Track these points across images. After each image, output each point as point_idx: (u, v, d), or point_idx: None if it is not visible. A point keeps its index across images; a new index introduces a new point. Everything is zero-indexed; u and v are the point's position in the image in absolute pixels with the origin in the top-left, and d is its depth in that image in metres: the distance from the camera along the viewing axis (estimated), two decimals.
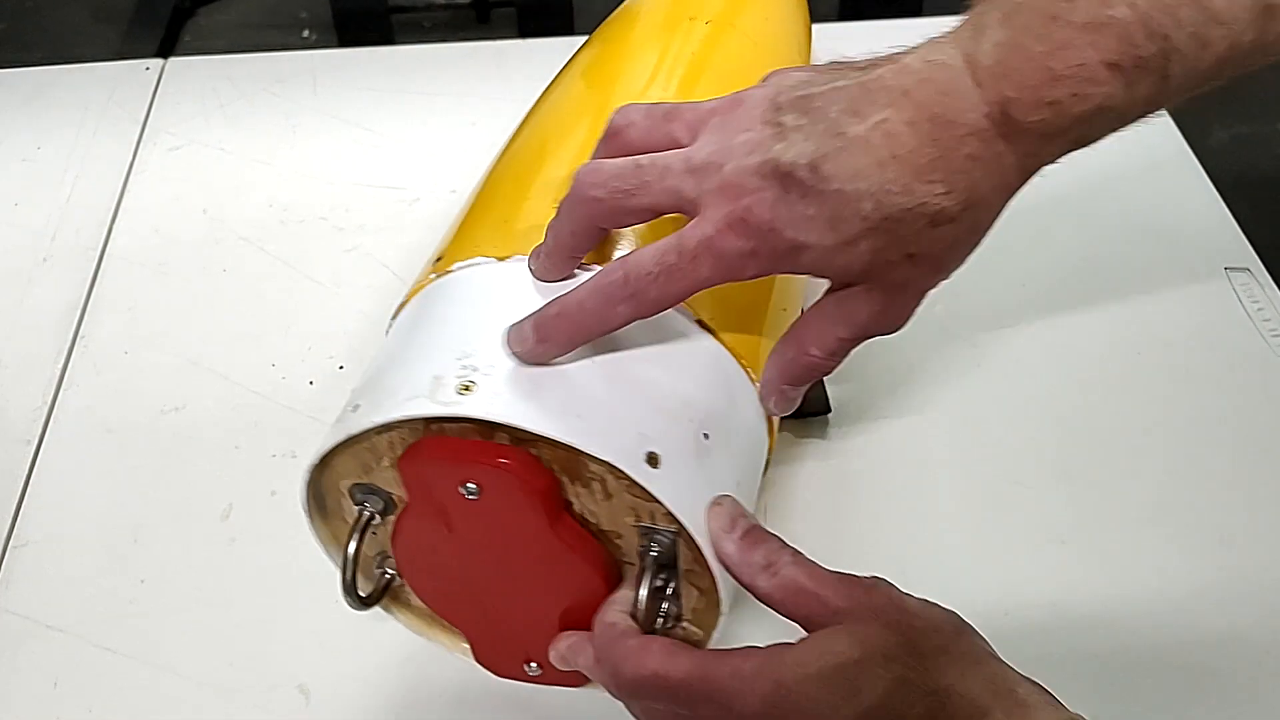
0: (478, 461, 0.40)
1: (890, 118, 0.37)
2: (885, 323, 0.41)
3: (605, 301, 0.40)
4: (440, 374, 0.40)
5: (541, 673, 0.47)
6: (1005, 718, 0.36)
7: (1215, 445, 0.59)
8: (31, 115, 0.80)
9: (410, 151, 0.76)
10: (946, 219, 0.37)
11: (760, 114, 0.39)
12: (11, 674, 0.50)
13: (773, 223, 0.38)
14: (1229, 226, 0.70)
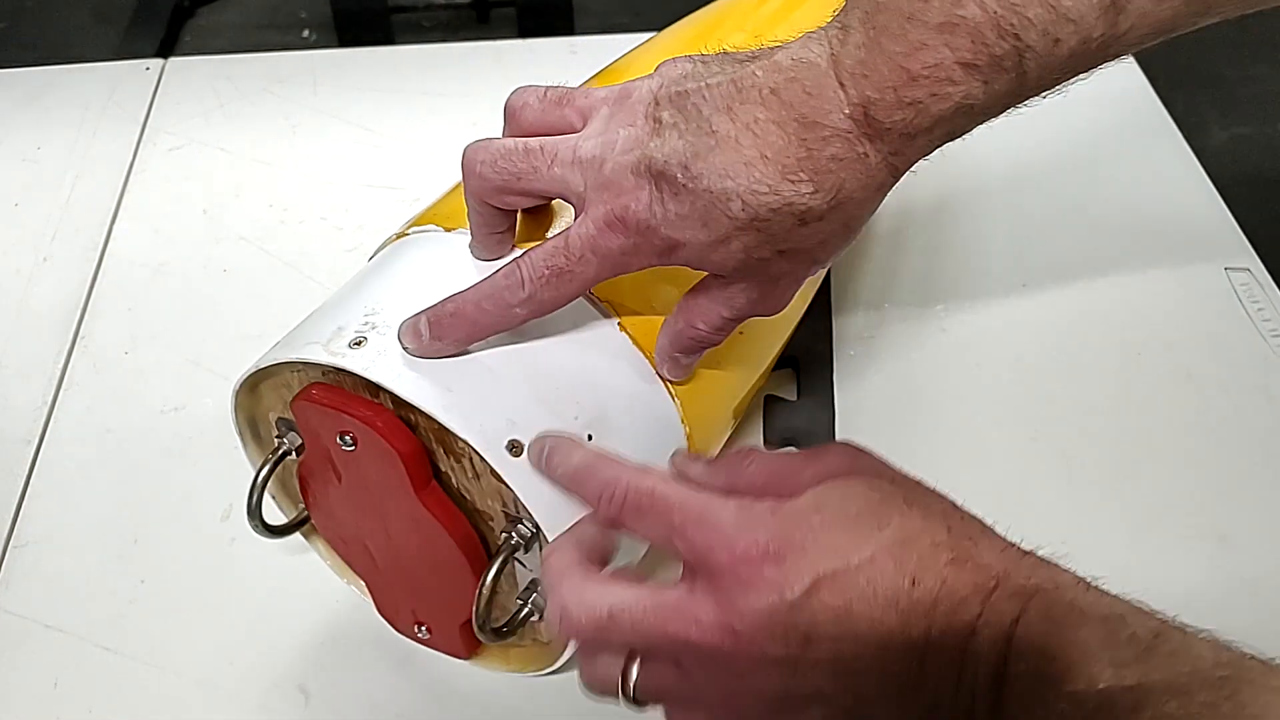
0: (348, 413, 0.42)
1: (760, 117, 0.38)
2: (763, 309, 0.43)
3: (501, 304, 0.42)
4: (343, 326, 0.42)
5: (430, 637, 0.48)
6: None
7: (1215, 445, 0.59)
8: (32, 115, 0.80)
9: (410, 151, 0.76)
10: (815, 217, 0.39)
11: (643, 109, 0.41)
12: (11, 674, 0.50)
13: (648, 221, 0.40)
14: (1229, 226, 0.70)
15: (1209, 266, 0.68)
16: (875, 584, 0.34)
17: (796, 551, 0.35)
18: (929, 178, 0.74)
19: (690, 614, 0.36)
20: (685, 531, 0.37)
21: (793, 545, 0.35)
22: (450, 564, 0.44)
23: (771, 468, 0.39)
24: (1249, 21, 0.43)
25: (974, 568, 0.34)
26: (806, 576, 0.34)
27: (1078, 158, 0.75)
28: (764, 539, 0.35)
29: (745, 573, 0.35)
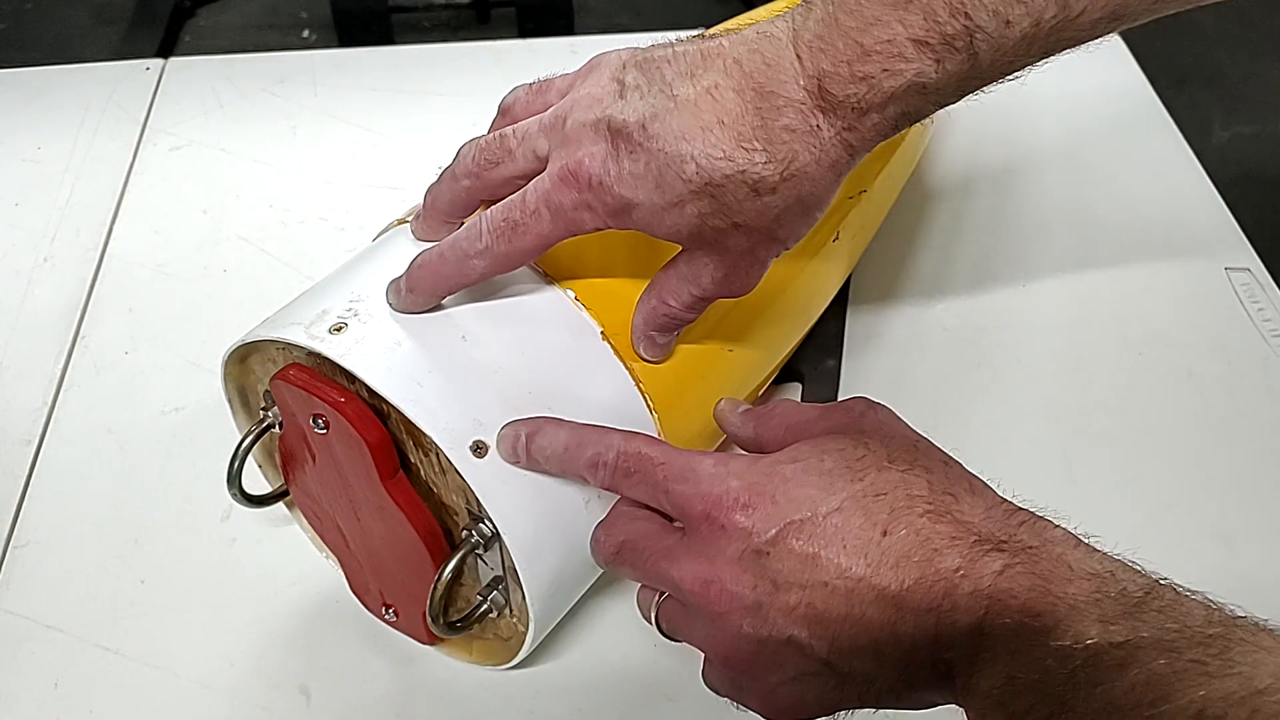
0: (319, 396, 0.42)
1: (720, 84, 0.39)
2: (729, 287, 0.43)
3: (460, 255, 0.43)
4: (327, 309, 0.43)
5: (396, 620, 0.49)
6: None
7: (1215, 445, 0.59)
8: (32, 115, 0.80)
9: (410, 151, 0.76)
10: (767, 188, 0.39)
11: (609, 72, 0.42)
12: (12, 674, 0.50)
13: (602, 177, 0.40)
14: (1229, 226, 0.70)
15: (1209, 266, 0.68)
16: (842, 533, 0.35)
17: (766, 500, 0.36)
18: (929, 177, 0.74)
19: (679, 559, 0.38)
20: (668, 487, 0.39)
21: (763, 494, 0.37)
22: (412, 554, 0.45)
23: (790, 420, 0.41)
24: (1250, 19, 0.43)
25: (953, 522, 0.35)
26: (774, 524, 0.36)
27: (1078, 157, 0.75)
28: (735, 487, 0.37)
29: (718, 519, 0.37)
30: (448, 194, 0.46)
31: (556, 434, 0.41)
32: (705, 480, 0.38)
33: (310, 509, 0.51)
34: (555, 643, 0.51)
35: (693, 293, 0.44)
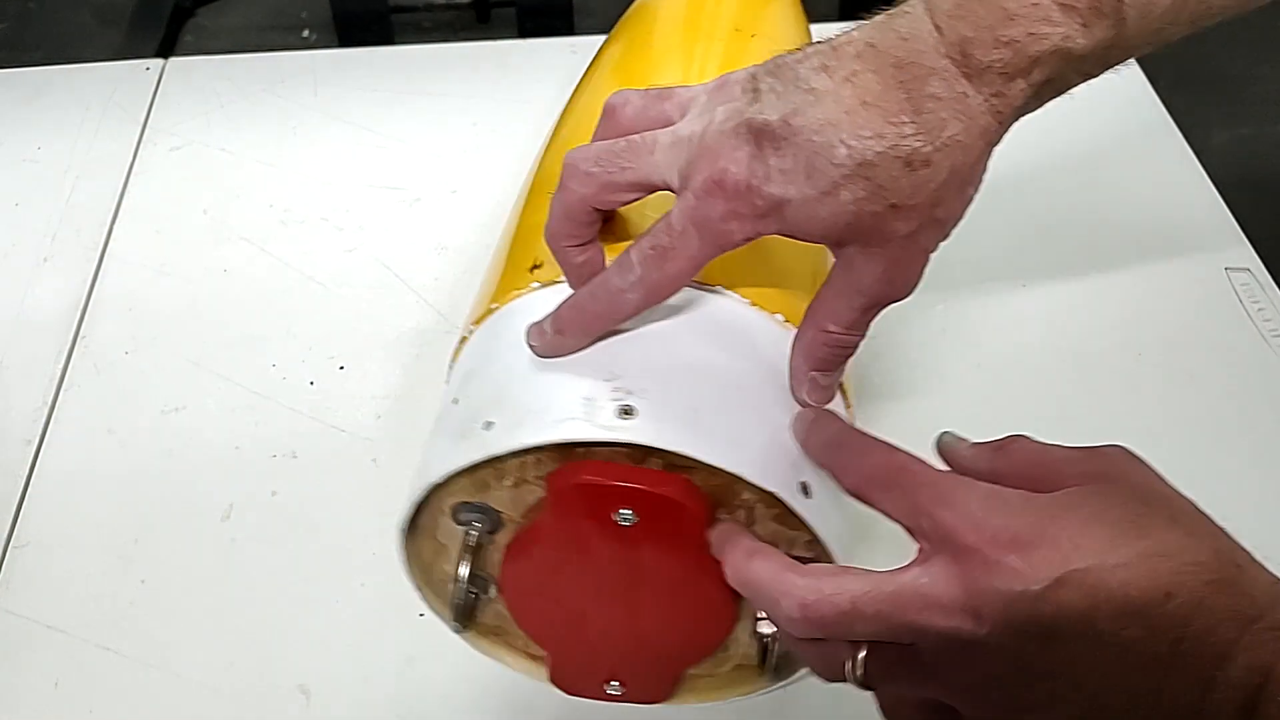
0: (643, 489, 0.39)
1: (857, 69, 0.37)
2: (892, 287, 0.41)
3: (612, 291, 0.41)
4: (591, 395, 0.40)
5: (622, 692, 0.46)
6: None
7: (1215, 445, 0.59)
8: (32, 115, 0.80)
9: (411, 152, 0.76)
10: (921, 161, 0.37)
11: (739, 86, 0.40)
12: (12, 674, 0.50)
13: (749, 180, 0.38)
14: (1229, 226, 0.70)
15: (1209, 267, 0.68)
16: (1126, 590, 0.33)
17: (1048, 544, 0.34)
18: None
19: (931, 598, 0.35)
20: (932, 510, 0.36)
21: (1044, 537, 0.34)
22: (707, 615, 0.43)
23: (1036, 459, 0.38)
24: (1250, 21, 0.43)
25: (1236, 594, 0.33)
26: (1055, 569, 0.33)
27: (1078, 158, 0.75)
28: (1015, 525, 0.34)
29: (992, 555, 0.34)
30: (560, 206, 0.43)
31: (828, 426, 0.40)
32: (978, 510, 0.35)
33: (533, 608, 0.45)
34: None
35: (854, 305, 0.41)
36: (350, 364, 0.63)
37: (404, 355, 0.63)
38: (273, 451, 0.59)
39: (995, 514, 0.35)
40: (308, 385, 0.62)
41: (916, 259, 0.41)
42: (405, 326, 0.65)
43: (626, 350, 0.42)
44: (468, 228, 0.70)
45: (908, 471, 0.37)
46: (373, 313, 0.65)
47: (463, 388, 0.44)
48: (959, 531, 0.35)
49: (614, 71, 0.60)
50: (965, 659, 0.35)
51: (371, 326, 0.65)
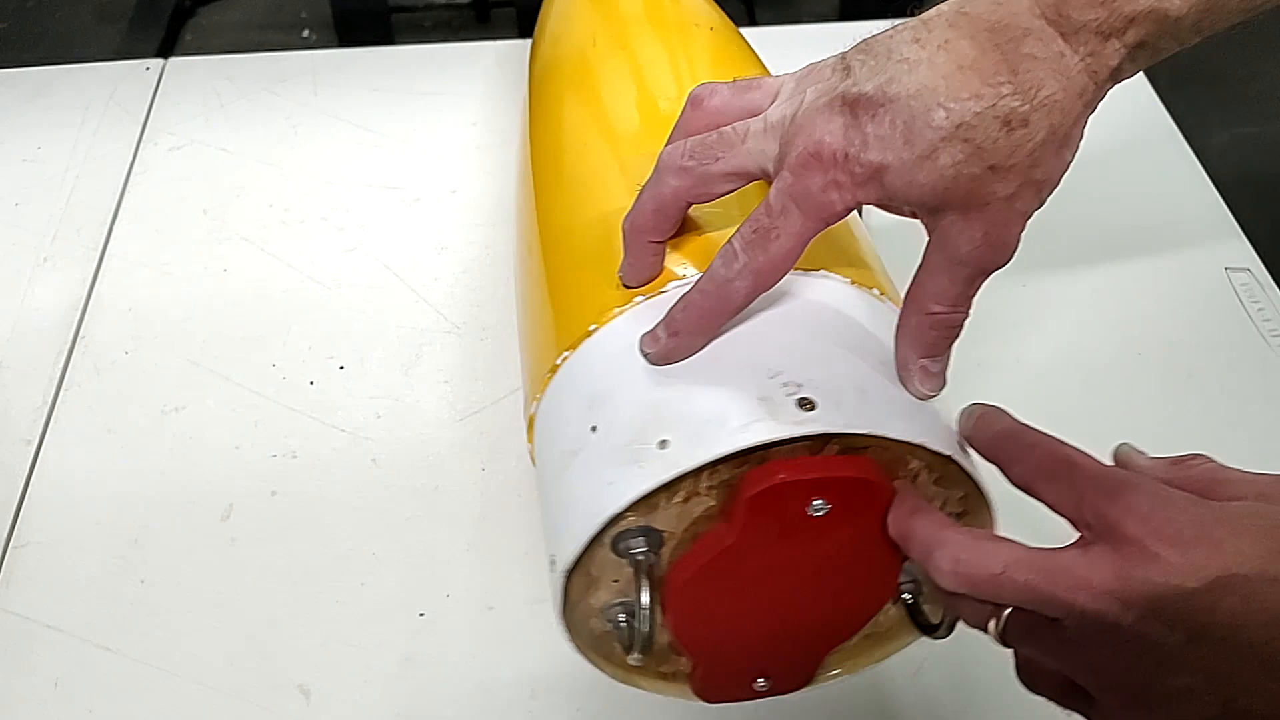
0: (841, 477, 0.39)
1: (950, 37, 0.38)
2: (994, 252, 0.40)
3: (719, 283, 0.40)
4: (766, 395, 0.39)
5: (769, 686, 0.46)
6: None
7: (1215, 445, 0.58)
8: (32, 115, 0.80)
9: (411, 151, 0.76)
10: (1019, 121, 0.37)
11: (829, 66, 0.40)
12: (12, 674, 0.50)
13: (846, 149, 0.38)
14: (1229, 226, 0.70)
15: (1209, 266, 0.68)
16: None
17: (1210, 545, 0.33)
18: None
19: (1082, 577, 0.35)
20: (1097, 502, 0.36)
21: (1207, 538, 0.34)
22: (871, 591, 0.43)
23: (1214, 475, 0.38)
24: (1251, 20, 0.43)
25: None
26: (1213, 571, 0.33)
27: (1078, 157, 0.75)
28: (1179, 521, 0.34)
29: (1152, 547, 0.34)
30: (650, 200, 0.43)
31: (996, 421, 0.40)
32: (1144, 504, 0.35)
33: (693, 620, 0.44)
34: (554, 644, 0.51)
35: (957, 278, 0.40)
36: (350, 364, 0.63)
37: (404, 355, 0.63)
38: (273, 451, 0.59)
39: (1160, 509, 0.35)
40: (308, 385, 0.62)
41: (1015, 222, 0.40)
42: (405, 326, 0.65)
43: (772, 345, 0.41)
44: (468, 227, 0.70)
45: (1075, 465, 0.37)
46: (373, 312, 0.66)
47: (598, 413, 0.42)
48: (1122, 523, 0.35)
49: (601, 70, 0.59)
50: (1106, 643, 0.35)
51: (371, 326, 0.65)
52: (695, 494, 0.40)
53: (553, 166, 0.55)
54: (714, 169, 0.41)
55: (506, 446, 0.59)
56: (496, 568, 0.54)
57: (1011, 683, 0.39)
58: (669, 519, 0.41)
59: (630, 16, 0.62)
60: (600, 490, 0.39)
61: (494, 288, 0.67)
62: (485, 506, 0.56)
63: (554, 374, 0.45)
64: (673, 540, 0.41)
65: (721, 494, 0.40)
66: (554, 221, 0.52)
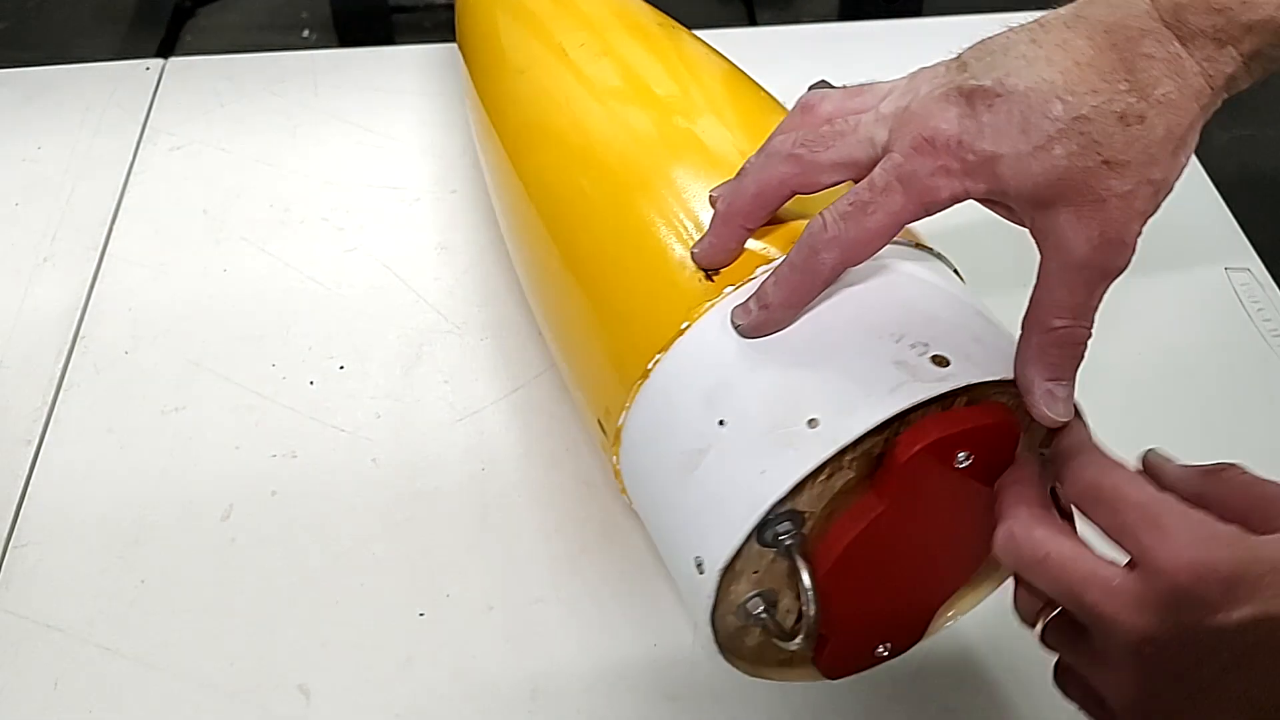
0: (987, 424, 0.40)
1: (1067, 37, 0.38)
2: (1111, 252, 0.40)
3: (809, 252, 0.41)
4: (899, 359, 0.40)
5: (889, 650, 0.46)
6: None
7: (1215, 445, 0.59)
8: (32, 115, 0.80)
9: (411, 151, 0.76)
10: (1136, 117, 0.37)
11: (945, 65, 0.41)
12: (12, 674, 0.50)
13: (960, 136, 0.39)
14: (1229, 226, 0.70)
15: (1209, 266, 0.68)
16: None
17: (1249, 584, 0.33)
18: None
19: (1116, 592, 0.35)
20: (1137, 532, 0.35)
21: (1247, 577, 0.33)
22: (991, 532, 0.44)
23: (1249, 491, 0.38)
24: None
25: None
26: (1249, 609, 0.33)
27: None
28: (1217, 560, 0.34)
29: (1186, 584, 0.34)
30: (754, 184, 0.43)
31: (1066, 432, 0.41)
32: (1183, 538, 0.34)
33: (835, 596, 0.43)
34: (554, 642, 0.51)
35: (1076, 285, 0.40)
36: (350, 364, 0.63)
37: (404, 355, 0.63)
38: (273, 451, 0.59)
39: (1200, 544, 0.34)
40: (308, 385, 0.62)
41: (1132, 222, 0.39)
42: (405, 326, 0.65)
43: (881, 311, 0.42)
44: (468, 227, 0.70)
45: (1120, 491, 0.37)
46: (373, 312, 0.65)
47: (721, 407, 0.42)
48: (1159, 555, 0.35)
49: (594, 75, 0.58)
50: (1130, 665, 0.35)
51: (372, 326, 0.65)
52: (838, 469, 0.40)
53: (587, 175, 0.53)
54: (823, 158, 0.42)
55: (506, 446, 0.59)
56: (496, 568, 0.54)
57: (1014, 683, 0.39)
58: (811, 499, 0.40)
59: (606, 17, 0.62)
60: (753, 480, 0.39)
61: (494, 288, 0.67)
62: (485, 507, 0.56)
63: (645, 379, 0.44)
64: (812, 520, 0.41)
65: (861, 465, 0.40)
66: (601, 230, 0.50)
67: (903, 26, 0.87)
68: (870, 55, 0.82)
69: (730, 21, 1.46)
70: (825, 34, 0.85)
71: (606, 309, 0.49)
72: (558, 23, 0.62)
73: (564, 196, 0.54)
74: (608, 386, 0.47)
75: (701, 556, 0.40)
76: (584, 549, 0.55)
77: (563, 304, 0.53)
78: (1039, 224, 0.40)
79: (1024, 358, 0.40)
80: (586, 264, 0.51)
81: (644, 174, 0.51)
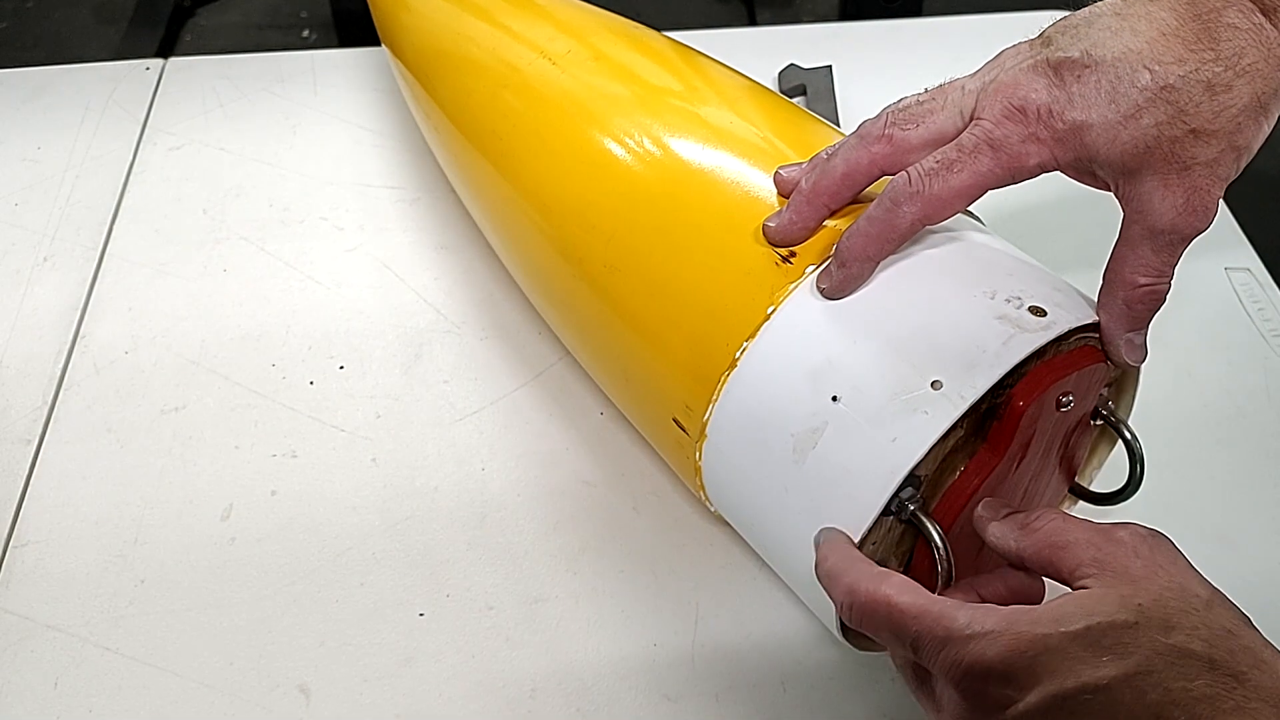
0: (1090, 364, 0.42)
1: (1150, 10, 0.39)
2: (1195, 217, 0.41)
3: (890, 206, 0.41)
4: (1001, 314, 0.41)
5: None
6: None
7: (1215, 445, 0.59)
8: (32, 115, 0.80)
9: (410, 151, 0.76)
10: (1223, 85, 0.38)
11: (1029, 42, 0.42)
12: (12, 673, 0.50)
13: (1050, 105, 0.39)
14: (1229, 226, 0.70)
15: (1209, 266, 0.68)
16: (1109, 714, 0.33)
17: (1027, 668, 0.34)
18: None
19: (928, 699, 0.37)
20: (919, 644, 0.36)
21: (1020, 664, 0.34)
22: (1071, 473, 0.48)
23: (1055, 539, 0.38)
24: None
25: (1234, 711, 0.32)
26: (1034, 696, 0.33)
27: None
28: (994, 656, 0.34)
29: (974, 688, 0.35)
30: (843, 164, 0.43)
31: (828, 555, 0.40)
32: (959, 639, 0.35)
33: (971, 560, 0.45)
34: (553, 642, 0.51)
35: (1160, 245, 0.41)
36: (350, 363, 0.63)
37: (404, 355, 0.63)
38: (272, 451, 0.59)
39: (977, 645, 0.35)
40: (307, 385, 0.62)
41: (1214, 187, 0.40)
42: (405, 326, 0.65)
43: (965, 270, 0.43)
44: (467, 227, 0.70)
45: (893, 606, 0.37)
46: (372, 312, 0.66)
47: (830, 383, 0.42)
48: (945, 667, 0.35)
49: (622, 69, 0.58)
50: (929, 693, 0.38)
51: (371, 326, 0.65)
52: (953, 429, 0.40)
53: (620, 190, 0.52)
54: (914, 135, 0.42)
55: (506, 446, 0.59)
56: (496, 567, 0.54)
57: None
58: (929, 461, 0.41)
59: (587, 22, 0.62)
60: (884, 448, 0.40)
61: (493, 287, 0.67)
62: (485, 506, 0.56)
63: (733, 369, 0.44)
64: (926, 482, 0.42)
65: (969, 421, 0.41)
66: (647, 232, 0.50)
67: (902, 26, 0.87)
68: (870, 55, 0.82)
69: (730, 21, 1.46)
70: (825, 34, 0.85)
71: (675, 306, 0.47)
72: (536, 32, 0.61)
73: (599, 204, 0.52)
74: (686, 383, 0.46)
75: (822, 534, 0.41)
76: (583, 548, 0.55)
77: (612, 310, 0.51)
78: (1125, 189, 0.41)
79: (1108, 310, 0.42)
80: (641, 266, 0.49)
81: (687, 169, 0.50)
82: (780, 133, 0.52)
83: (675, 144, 0.51)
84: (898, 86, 0.47)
